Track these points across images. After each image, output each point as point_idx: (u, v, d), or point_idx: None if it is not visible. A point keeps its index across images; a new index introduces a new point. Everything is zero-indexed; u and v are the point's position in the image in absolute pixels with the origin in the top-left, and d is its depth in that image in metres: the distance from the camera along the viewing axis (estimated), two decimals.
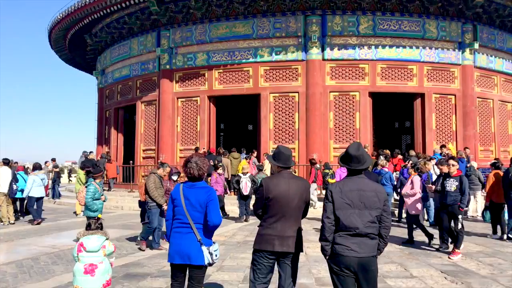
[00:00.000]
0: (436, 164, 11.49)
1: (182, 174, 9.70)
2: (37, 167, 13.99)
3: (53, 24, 22.68)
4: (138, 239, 9.20)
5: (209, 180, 13.71)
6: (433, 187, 9.30)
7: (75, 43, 24.67)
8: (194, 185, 4.15)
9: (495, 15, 19.30)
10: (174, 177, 9.65)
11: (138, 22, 20.57)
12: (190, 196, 4.08)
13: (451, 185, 8.32)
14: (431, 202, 11.46)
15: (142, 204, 9.99)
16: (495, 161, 12.23)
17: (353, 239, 3.52)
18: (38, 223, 12.93)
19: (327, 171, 14.75)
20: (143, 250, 8.84)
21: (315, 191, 15.01)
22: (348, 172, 3.78)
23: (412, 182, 9.73)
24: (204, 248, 4.01)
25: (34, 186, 13.16)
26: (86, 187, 9.27)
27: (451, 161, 8.58)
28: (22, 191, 13.61)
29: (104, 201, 9.37)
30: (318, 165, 15.26)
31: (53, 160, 21.48)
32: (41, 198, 13.49)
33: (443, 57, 18.42)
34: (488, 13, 19.07)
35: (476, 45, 18.55)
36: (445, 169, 8.72)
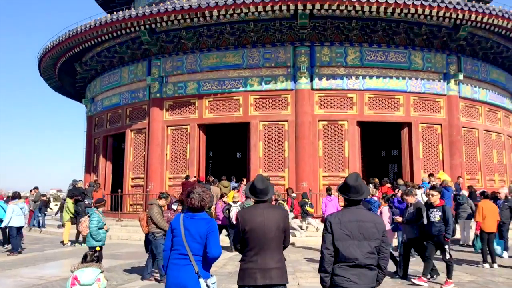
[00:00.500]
0: (424, 193, 11.62)
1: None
2: (16, 196, 13.74)
3: (43, 52, 22.75)
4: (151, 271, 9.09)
5: (213, 209, 13.73)
6: (401, 219, 9.20)
7: (65, 71, 24.73)
8: (195, 216, 4.11)
9: (478, 47, 19.89)
10: (174, 206, 9.64)
11: (129, 52, 20.76)
12: (190, 227, 4.05)
13: (435, 215, 8.38)
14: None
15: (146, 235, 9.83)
16: (484, 190, 12.42)
17: (353, 270, 3.55)
18: (19, 252, 12.73)
19: (306, 200, 14.88)
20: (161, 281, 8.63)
21: (296, 220, 15.06)
22: (347, 203, 3.84)
23: (381, 213, 9.83)
24: (201, 280, 3.94)
25: (14, 215, 12.91)
26: (89, 216, 9.12)
27: (431, 191, 8.68)
28: (1, 221, 13.39)
29: (107, 230, 9.25)
30: (294, 195, 15.47)
31: (36, 188, 21.06)
32: (21, 227, 13.25)
33: (429, 87, 18.84)
34: (471, 45, 19.64)
35: (461, 76, 19.03)
36: (410, 199, 8.87)
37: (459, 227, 13.54)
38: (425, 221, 8.63)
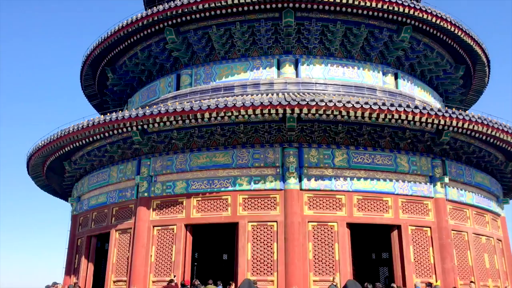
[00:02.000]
0: None
1: None
2: None
3: (33, 150, 22.84)
4: None
5: None
6: None
7: (53, 170, 24.68)
8: None
9: (461, 151, 20.50)
10: None
11: (120, 151, 20.99)
12: None
13: None
14: None
15: None
16: None
17: None
18: None
19: None
20: None
21: None
22: None
23: None
24: None
25: None
26: None
27: None
28: None
29: None
30: None
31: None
32: None
33: (416, 190, 19.05)
34: (454, 149, 20.26)
35: (446, 179, 19.36)
36: None
37: None
38: None
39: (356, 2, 19.93)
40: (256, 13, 21.07)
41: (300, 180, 18.08)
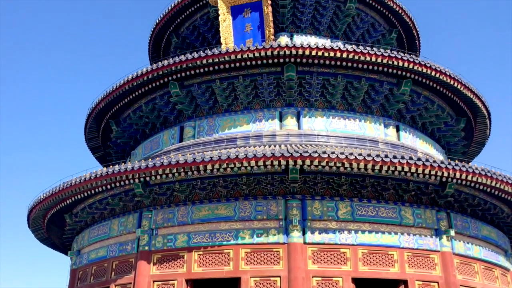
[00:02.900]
0: None
1: None
2: None
3: (34, 203, 22.71)
4: None
5: None
6: None
7: (54, 223, 24.43)
8: None
9: (466, 204, 20.27)
10: None
11: (121, 203, 20.85)
12: None
13: None
14: None
15: None
16: None
17: None
18: None
19: None
20: None
21: None
22: None
23: None
24: None
25: None
26: None
27: None
28: None
29: None
30: None
31: None
32: None
33: (421, 243, 18.67)
34: (459, 202, 20.04)
35: (452, 232, 19.01)
36: None
37: None
38: None
39: (356, 57, 20.40)
40: (258, 68, 21.54)
41: (304, 233, 17.78)
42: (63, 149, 78.86)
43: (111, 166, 18.92)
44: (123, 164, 19.09)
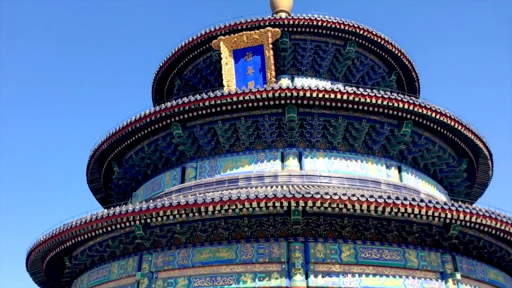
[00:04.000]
0: None
1: None
2: None
3: (34, 246, 22.42)
4: None
5: None
6: None
7: (53, 266, 24.07)
8: None
9: (471, 246, 19.95)
10: None
11: (121, 246, 20.58)
12: None
13: None
14: None
15: None
16: None
17: None
18: None
19: None
20: None
21: None
22: None
23: None
24: None
25: None
26: None
27: None
28: None
29: None
30: None
31: None
32: None
33: (427, 286, 18.23)
34: (464, 244, 19.73)
35: (458, 276, 18.59)
36: None
37: None
38: None
39: (356, 99, 20.63)
40: (260, 109, 21.79)
41: (307, 277, 17.40)
42: (64, 191, 78.57)
43: (112, 208, 18.81)
44: (124, 205, 18.99)
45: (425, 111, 21.55)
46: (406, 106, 21.19)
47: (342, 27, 25.87)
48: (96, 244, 21.28)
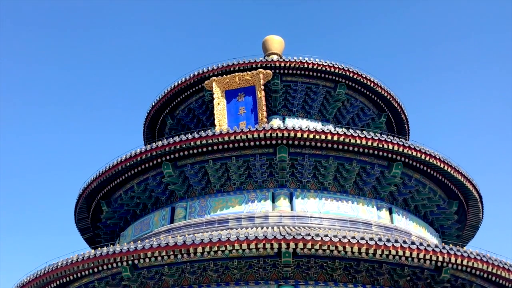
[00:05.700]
0: None
1: None
2: None
3: (17, 287, 21.79)
4: None
5: None
6: None
7: None
8: None
9: None
10: None
11: None
12: None
13: None
14: None
15: None
16: None
17: None
18: None
19: None
20: None
21: None
22: None
23: None
24: None
25: None
26: None
27: None
28: None
29: None
30: None
31: None
32: None
33: None
34: (456, 287, 19.48)
35: None
36: None
37: None
38: None
39: (347, 140, 20.79)
40: (251, 149, 21.85)
41: None
42: (50, 230, 76.87)
43: (99, 248, 18.44)
44: (111, 246, 18.64)
45: (414, 153, 21.74)
46: (395, 147, 21.38)
47: (332, 69, 26.36)
48: (81, 285, 20.66)
